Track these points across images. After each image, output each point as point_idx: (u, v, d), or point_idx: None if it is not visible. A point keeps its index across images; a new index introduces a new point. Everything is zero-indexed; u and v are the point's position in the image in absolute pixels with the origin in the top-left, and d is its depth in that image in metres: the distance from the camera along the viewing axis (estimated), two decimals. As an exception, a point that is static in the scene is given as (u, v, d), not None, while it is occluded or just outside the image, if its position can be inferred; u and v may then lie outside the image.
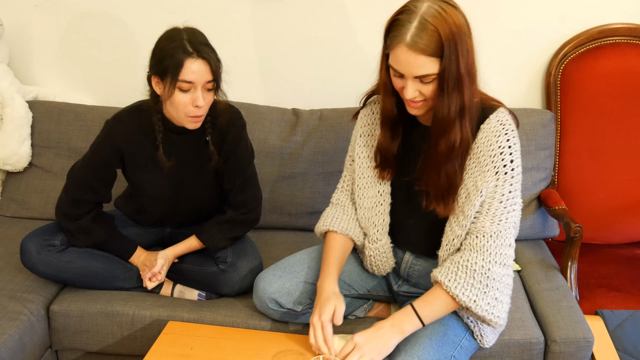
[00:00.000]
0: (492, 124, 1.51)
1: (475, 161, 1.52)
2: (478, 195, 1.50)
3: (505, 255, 1.51)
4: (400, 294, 1.79)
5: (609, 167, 2.28)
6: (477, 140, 1.51)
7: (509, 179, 1.50)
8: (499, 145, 1.49)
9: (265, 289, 1.73)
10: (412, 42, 1.39)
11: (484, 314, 1.49)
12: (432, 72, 1.42)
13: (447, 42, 1.39)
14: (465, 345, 1.59)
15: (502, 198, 1.50)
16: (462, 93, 1.44)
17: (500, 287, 1.50)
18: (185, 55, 1.64)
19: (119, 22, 2.43)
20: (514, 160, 1.50)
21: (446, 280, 1.50)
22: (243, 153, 1.88)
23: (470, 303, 1.48)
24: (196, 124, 1.74)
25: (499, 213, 1.50)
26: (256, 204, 1.94)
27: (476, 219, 1.51)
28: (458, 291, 1.49)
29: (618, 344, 1.84)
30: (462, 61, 1.41)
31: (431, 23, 1.38)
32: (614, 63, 2.25)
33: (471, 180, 1.52)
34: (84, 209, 1.87)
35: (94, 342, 1.90)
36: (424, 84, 1.44)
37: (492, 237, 1.49)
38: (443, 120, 1.47)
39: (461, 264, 1.50)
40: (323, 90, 2.47)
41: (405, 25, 1.40)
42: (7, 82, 2.34)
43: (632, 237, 2.35)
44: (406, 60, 1.42)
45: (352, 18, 2.33)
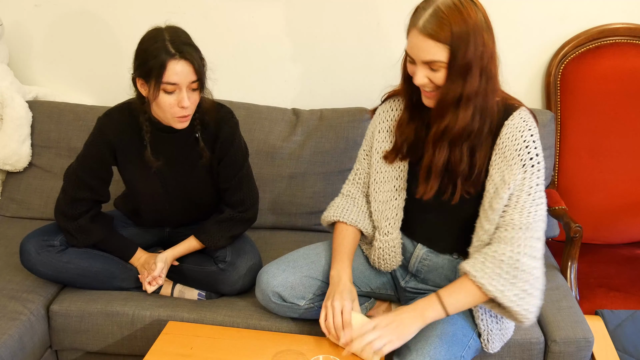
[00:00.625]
0: (515, 120, 1.53)
1: (501, 156, 1.52)
2: (506, 188, 1.50)
3: (535, 248, 1.50)
4: (407, 290, 1.79)
5: (609, 167, 2.28)
6: (502, 136, 1.53)
7: (536, 171, 1.51)
8: (524, 139, 1.51)
9: (269, 282, 1.73)
10: (422, 26, 1.44)
11: (511, 304, 1.46)
12: (439, 59, 1.44)
13: (458, 32, 1.42)
14: (472, 345, 1.60)
15: (530, 190, 1.50)
16: (465, 83, 1.46)
17: (530, 280, 1.47)
18: (167, 56, 1.62)
19: (120, 22, 2.43)
20: (539, 154, 1.52)
21: (473, 270, 1.49)
22: (237, 152, 1.88)
23: (497, 293, 1.46)
24: (183, 123, 1.74)
25: (528, 205, 1.50)
26: (253, 201, 1.94)
27: (505, 212, 1.51)
28: (485, 280, 1.47)
29: (618, 344, 1.84)
30: (471, 54, 1.43)
31: (444, 11, 1.43)
32: (614, 63, 2.25)
33: (498, 175, 1.52)
34: (82, 208, 1.87)
35: (94, 342, 1.90)
36: (433, 71, 1.47)
37: (521, 229, 1.49)
38: (439, 105, 1.50)
39: (489, 254, 1.50)
40: (323, 90, 2.47)
41: (421, 13, 1.46)
42: (7, 82, 2.34)
43: (632, 237, 2.35)
44: (416, 44, 1.46)
45: (352, 18, 2.34)
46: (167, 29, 1.69)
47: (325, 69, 2.43)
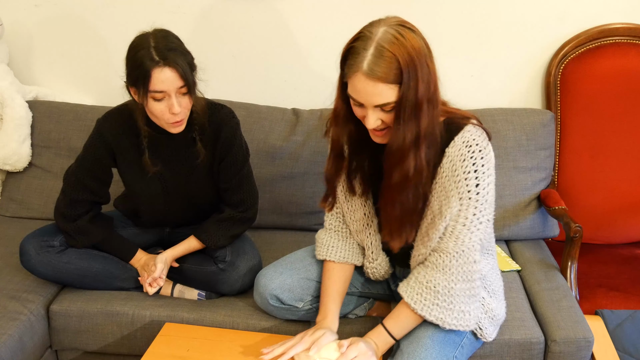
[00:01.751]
0: (456, 148, 1.45)
1: (441, 185, 1.48)
2: (442, 220, 1.48)
3: (469, 272, 1.51)
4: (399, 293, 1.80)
5: (609, 167, 2.28)
6: (443, 165, 1.47)
7: (473, 202, 1.46)
8: (463, 171, 1.44)
9: (267, 285, 1.73)
10: (369, 70, 1.34)
11: (452, 327, 1.53)
12: (392, 100, 1.36)
13: (406, 67, 1.33)
14: (466, 345, 1.60)
15: (465, 221, 1.48)
16: (419, 121, 1.38)
17: (465, 300, 1.53)
18: (152, 64, 1.61)
19: (120, 22, 2.43)
20: (480, 183, 1.45)
21: (412, 303, 1.53)
22: (238, 152, 1.88)
23: (438, 321, 1.52)
24: (178, 128, 1.73)
25: (462, 235, 1.48)
26: (253, 201, 1.94)
27: (440, 239, 1.51)
28: (425, 312, 1.52)
29: (618, 344, 1.84)
30: (421, 86, 1.35)
31: (388, 49, 1.33)
32: (614, 63, 2.25)
33: (437, 204, 1.49)
34: (81, 209, 1.87)
35: (94, 342, 1.90)
36: (386, 112, 1.39)
37: (454, 257, 1.50)
38: (398, 150, 1.41)
39: (425, 284, 1.52)
40: (323, 90, 2.45)
41: (361, 53, 1.35)
42: (7, 82, 2.34)
43: (632, 237, 2.35)
44: (364, 89, 1.36)
45: (352, 18, 2.33)
46: (153, 33, 1.67)
47: (325, 69, 2.42)
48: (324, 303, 1.66)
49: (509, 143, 2.22)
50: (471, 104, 2.35)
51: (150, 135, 1.79)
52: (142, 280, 1.90)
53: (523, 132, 2.23)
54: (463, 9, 2.30)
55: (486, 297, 1.63)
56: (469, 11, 2.31)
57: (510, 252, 2.19)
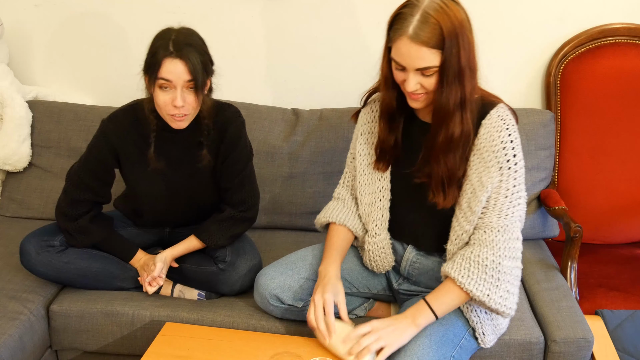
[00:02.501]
0: (493, 120, 1.53)
1: (479, 157, 1.53)
2: (484, 191, 1.52)
3: (514, 249, 1.54)
4: (400, 292, 1.79)
5: (609, 167, 2.28)
6: (480, 136, 1.53)
7: (513, 173, 1.52)
8: (501, 140, 1.51)
9: (267, 285, 1.73)
10: (414, 34, 1.41)
11: (497, 307, 1.52)
12: (433, 65, 1.44)
13: (449, 35, 1.41)
14: (465, 345, 1.60)
15: (507, 193, 1.52)
16: (462, 85, 1.46)
17: (511, 280, 1.54)
18: (165, 53, 1.65)
19: (119, 22, 2.43)
20: (517, 154, 1.53)
21: (459, 277, 1.52)
22: (242, 151, 1.88)
23: (484, 297, 1.51)
24: (179, 123, 1.74)
25: (505, 207, 1.52)
26: (254, 202, 1.94)
27: (483, 214, 1.54)
28: (472, 287, 1.51)
29: (618, 344, 1.84)
30: (463, 54, 1.44)
31: (433, 16, 1.41)
32: (614, 63, 2.25)
33: (476, 176, 1.53)
34: (82, 209, 1.87)
35: (94, 342, 1.90)
36: (425, 77, 1.46)
37: (499, 232, 1.52)
38: (442, 111, 1.49)
39: (472, 259, 1.52)
40: (323, 90, 2.47)
41: (408, 19, 1.43)
42: (7, 82, 2.34)
43: (632, 237, 2.34)
44: (408, 53, 1.44)
45: (353, 18, 2.34)
46: (178, 29, 1.71)
47: (325, 69, 2.43)
48: (327, 255, 1.68)
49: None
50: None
51: (157, 130, 1.80)
52: (142, 280, 1.90)
53: (523, 132, 2.21)
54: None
55: None
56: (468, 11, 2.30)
57: (510, 252, 2.19)
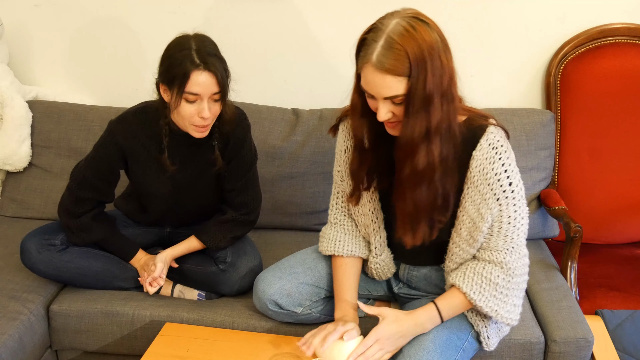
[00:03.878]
0: (484, 151, 1.46)
1: (474, 189, 1.49)
2: (484, 222, 1.50)
3: (523, 265, 1.56)
4: (401, 295, 1.80)
5: (609, 167, 2.28)
6: (472, 169, 1.48)
7: (511, 200, 1.49)
8: (495, 173, 1.46)
9: (265, 291, 1.73)
10: (377, 62, 1.34)
11: (503, 320, 1.56)
12: (400, 93, 1.36)
13: (415, 60, 1.32)
14: (467, 348, 1.60)
15: (509, 219, 1.50)
16: (429, 114, 1.36)
17: (518, 294, 1.57)
18: (192, 66, 1.62)
19: (119, 22, 2.43)
20: (512, 181, 1.48)
21: (471, 293, 1.53)
22: (247, 154, 1.88)
23: (492, 313, 1.54)
24: (202, 133, 1.74)
25: (510, 232, 1.51)
26: (256, 205, 1.94)
27: (488, 239, 1.53)
28: (482, 303, 1.53)
29: (618, 344, 1.84)
30: (431, 80, 1.33)
31: (397, 42, 1.33)
32: (614, 63, 2.25)
33: (473, 208, 1.50)
34: (86, 207, 1.87)
35: (94, 341, 1.90)
36: (396, 105, 1.39)
37: (507, 253, 1.53)
38: (407, 144, 1.40)
39: (485, 276, 1.53)
40: (323, 90, 2.46)
41: (371, 45, 1.36)
42: (7, 82, 2.34)
43: (632, 237, 2.34)
44: (373, 81, 1.37)
45: (352, 18, 2.33)
46: (195, 37, 1.69)
47: (325, 69, 2.43)
48: (341, 296, 1.65)
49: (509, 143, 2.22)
50: (471, 104, 2.35)
51: (170, 136, 1.80)
52: (142, 280, 1.90)
53: (523, 132, 2.23)
54: (463, 9, 2.30)
55: None
56: (469, 11, 2.31)
57: (510, 252, 2.19)
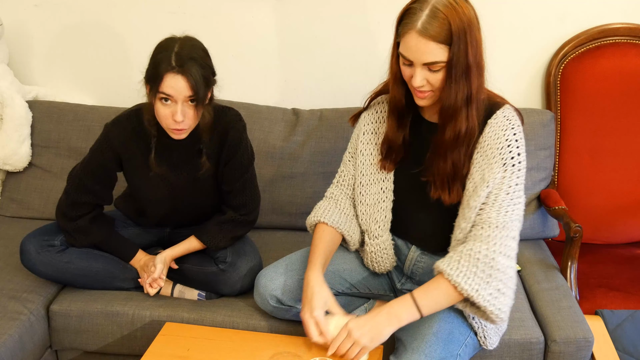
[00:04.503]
0: (499, 119, 1.53)
1: (483, 154, 1.53)
2: (484, 186, 1.50)
3: (510, 247, 1.50)
4: (404, 291, 1.79)
5: (609, 167, 2.28)
6: (485, 134, 1.53)
7: (516, 171, 1.51)
8: (506, 138, 1.51)
9: (267, 286, 1.73)
10: (422, 28, 1.42)
11: (486, 304, 1.46)
12: (440, 60, 1.44)
13: (457, 31, 1.42)
14: (470, 343, 1.60)
15: (509, 190, 1.51)
16: (469, 82, 1.47)
17: (504, 279, 1.48)
18: (167, 68, 1.63)
19: (119, 22, 2.43)
20: (521, 153, 1.53)
21: (448, 269, 1.48)
22: (243, 155, 1.88)
23: (472, 292, 1.46)
24: (178, 135, 1.73)
25: (506, 204, 1.50)
26: (255, 205, 1.94)
27: (482, 210, 1.51)
28: (460, 279, 1.46)
29: (618, 344, 1.84)
30: (470, 52, 1.44)
31: (442, 12, 1.42)
32: (614, 63, 2.25)
33: (479, 173, 1.52)
34: (82, 210, 1.87)
35: (94, 342, 1.90)
36: (432, 72, 1.47)
37: (497, 228, 1.49)
38: (450, 108, 1.49)
39: (464, 252, 1.49)
40: (323, 90, 2.47)
41: (417, 13, 1.44)
42: (7, 82, 2.34)
43: (632, 237, 2.34)
44: (416, 47, 1.44)
45: (352, 18, 2.33)
46: (181, 39, 1.69)
47: (325, 69, 2.43)
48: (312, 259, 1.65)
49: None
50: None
51: (158, 136, 1.79)
52: (143, 282, 1.90)
53: (523, 132, 2.23)
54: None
55: None
56: (469, 11, 2.31)
57: (510, 252, 2.19)
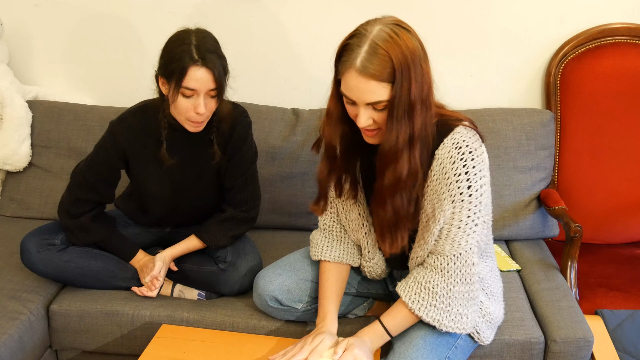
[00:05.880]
0: (446, 149, 1.43)
1: (433, 189, 1.47)
2: (436, 223, 1.47)
3: (468, 274, 1.50)
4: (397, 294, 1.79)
5: (609, 167, 2.28)
6: (433, 168, 1.46)
7: (467, 204, 1.44)
8: (454, 173, 1.43)
9: (266, 287, 1.73)
10: (362, 67, 1.33)
11: (449, 329, 1.52)
12: (383, 99, 1.35)
13: (399, 67, 1.32)
14: (461, 345, 1.59)
15: (460, 224, 1.46)
16: (412, 121, 1.37)
17: (463, 303, 1.52)
18: (190, 62, 1.64)
19: (119, 22, 2.43)
20: (472, 185, 1.43)
21: (410, 302, 1.52)
22: (247, 151, 1.89)
23: (435, 322, 1.51)
24: (196, 128, 1.75)
25: (458, 238, 1.47)
26: (256, 202, 1.95)
27: (436, 242, 1.50)
28: (422, 313, 1.51)
29: (618, 343, 1.84)
30: (414, 87, 1.34)
31: (382, 47, 1.32)
32: (614, 63, 2.25)
33: (430, 207, 1.48)
34: (85, 208, 1.88)
35: (94, 341, 1.90)
36: (377, 111, 1.38)
37: (452, 259, 1.49)
38: (390, 151, 1.39)
39: (423, 285, 1.51)
40: (323, 90, 2.45)
41: (355, 50, 1.35)
42: (7, 82, 2.34)
43: (632, 237, 2.35)
44: (357, 86, 1.36)
45: (352, 18, 2.32)
46: (196, 32, 1.70)
47: (325, 69, 2.42)
48: (322, 305, 1.64)
49: (509, 143, 2.22)
50: (471, 104, 2.35)
51: (169, 130, 1.80)
52: (139, 290, 1.90)
53: (523, 132, 2.23)
54: (463, 9, 2.30)
55: (484, 301, 1.62)
56: (469, 11, 2.31)
57: (510, 252, 2.19)
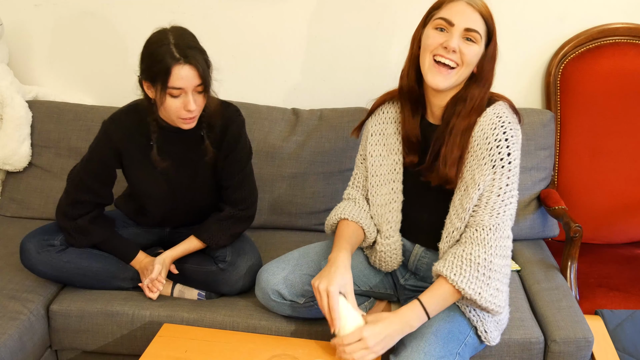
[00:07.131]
0: (488, 117, 1.54)
1: (473, 154, 1.54)
2: (476, 188, 1.52)
3: (505, 247, 1.55)
4: (407, 287, 1.80)
5: (609, 167, 2.28)
6: (474, 134, 1.54)
7: (506, 172, 1.52)
8: (495, 138, 1.52)
9: (269, 280, 1.74)
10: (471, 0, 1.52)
11: (487, 304, 1.53)
12: (480, 30, 1.51)
13: (491, 23, 1.55)
14: (470, 343, 1.60)
15: (499, 192, 1.52)
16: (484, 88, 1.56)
17: (501, 278, 1.55)
18: (172, 61, 1.62)
19: (119, 22, 2.43)
20: (511, 153, 1.53)
21: (452, 275, 1.52)
22: (242, 150, 1.89)
23: (476, 295, 1.51)
24: (190, 124, 1.74)
25: (497, 206, 1.52)
26: (253, 200, 1.95)
27: (475, 212, 1.54)
28: (464, 285, 1.51)
29: (618, 343, 1.84)
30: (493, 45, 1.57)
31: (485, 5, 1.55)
32: (614, 63, 2.25)
33: (469, 174, 1.54)
34: (83, 210, 1.87)
35: (94, 341, 1.90)
36: (467, 43, 1.52)
37: (491, 230, 1.52)
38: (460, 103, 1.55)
39: (465, 257, 1.53)
40: (323, 90, 2.47)
41: None
42: (7, 82, 2.34)
43: (632, 237, 2.35)
44: (463, 11, 1.51)
45: (352, 18, 2.34)
46: (172, 30, 1.69)
47: (325, 69, 2.43)
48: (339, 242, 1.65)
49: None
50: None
51: (159, 132, 1.80)
52: (143, 286, 1.90)
53: (523, 132, 2.21)
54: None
55: None
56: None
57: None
